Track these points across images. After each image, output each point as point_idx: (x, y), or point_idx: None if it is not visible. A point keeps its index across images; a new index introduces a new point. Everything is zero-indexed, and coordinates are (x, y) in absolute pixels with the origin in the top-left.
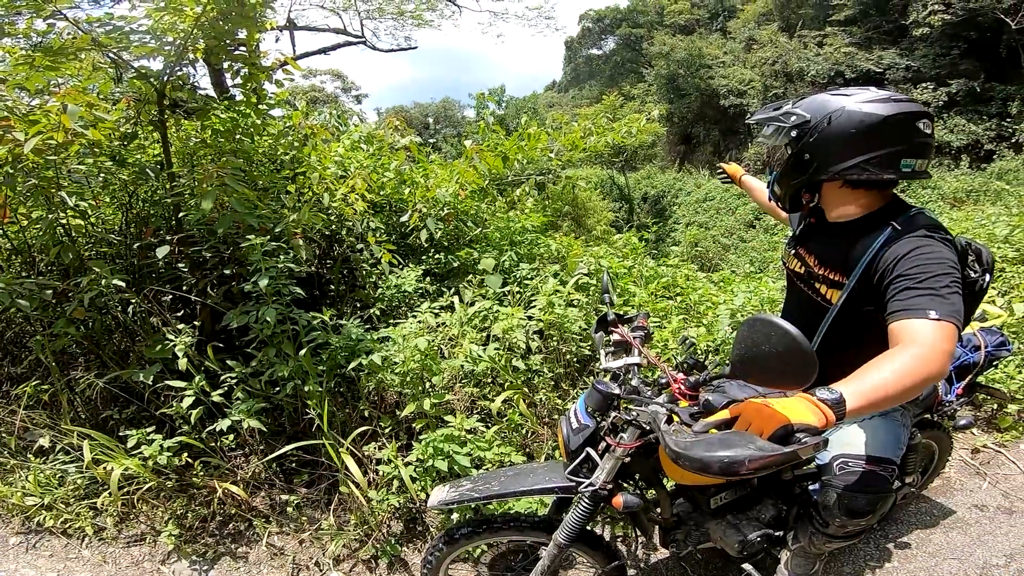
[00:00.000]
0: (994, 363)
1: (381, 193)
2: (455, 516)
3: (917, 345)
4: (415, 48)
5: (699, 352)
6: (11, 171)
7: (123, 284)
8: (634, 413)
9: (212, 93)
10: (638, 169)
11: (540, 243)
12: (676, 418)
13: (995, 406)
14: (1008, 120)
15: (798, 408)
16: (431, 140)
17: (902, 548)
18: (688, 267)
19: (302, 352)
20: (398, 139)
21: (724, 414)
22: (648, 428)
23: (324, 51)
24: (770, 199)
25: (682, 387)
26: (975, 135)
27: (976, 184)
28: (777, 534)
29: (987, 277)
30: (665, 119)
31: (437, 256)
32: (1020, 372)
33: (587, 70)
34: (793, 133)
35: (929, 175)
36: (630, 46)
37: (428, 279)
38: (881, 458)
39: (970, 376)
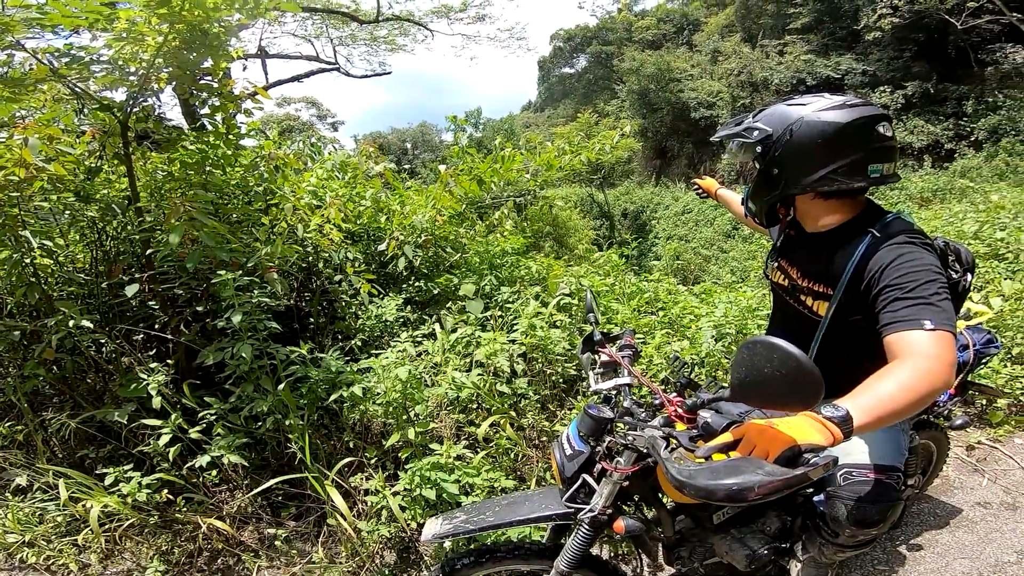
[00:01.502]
0: (983, 361)
1: (358, 222)
2: (447, 544)
3: (919, 358)
4: (389, 73)
5: (687, 367)
6: None
7: (91, 325)
8: (630, 437)
9: (184, 123)
10: (616, 185)
11: (520, 265)
12: (674, 442)
13: (984, 401)
14: (964, 119)
15: (804, 427)
16: (406, 167)
17: (912, 550)
18: (668, 281)
19: (281, 387)
20: (372, 166)
21: (726, 437)
22: (645, 451)
23: (297, 79)
24: (746, 215)
25: (679, 409)
26: (934, 135)
27: (941, 183)
28: (784, 545)
29: (969, 277)
30: (639, 134)
31: (417, 284)
32: (1006, 366)
33: (561, 89)
34: (758, 149)
35: (899, 177)
36: (601, 63)
37: (409, 307)
38: (886, 466)
39: (961, 375)
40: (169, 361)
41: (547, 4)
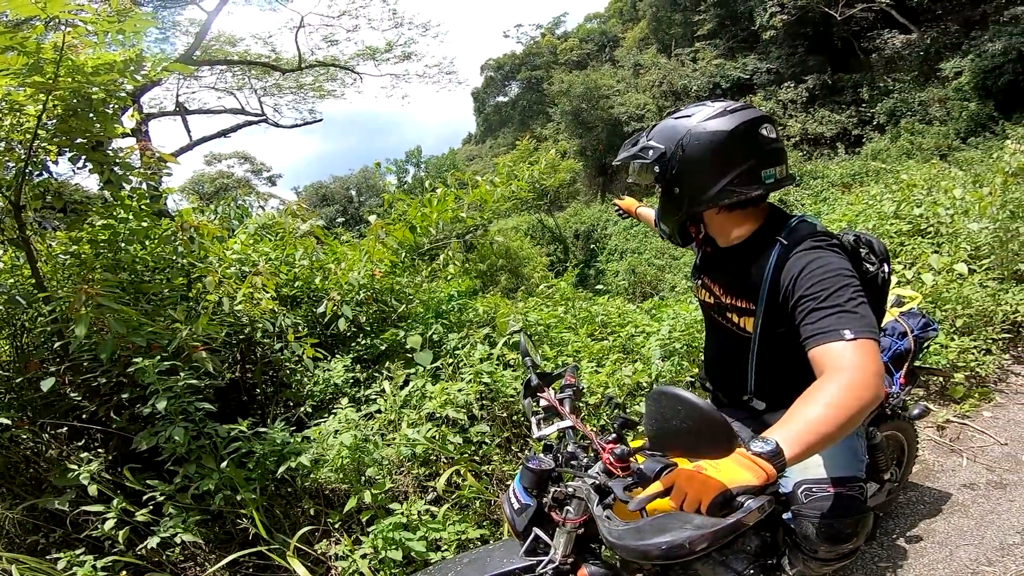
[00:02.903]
0: (925, 345)
1: (295, 285)
2: None
3: (844, 372)
4: (321, 120)
5: (621, 408)
6: None
7: (8, 422)
8: (570, 488)
9: (106, 194)
10: (565, 208)
11: (468, 308)
12: (611, 493)
13: (942, 379)
14: (864, 105)
15: (733, 468)
16: (340, 219)
17: (911, 542)
18: (616, 302)
19: (224, 464)
20: (299, 226)
21: (657, 486)
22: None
23: (223, 134)
24: (661, 236)
25: (611, 459)
26: (841, 123)
27: (857, 167)
28: (771, 562)
29: (886, 268)
30: (579, 154)
31: (364, 341)
32: (953, 339)
33: (498, 118)
34: (656, 168)
35: (794, 179)
36: (533, 88)
37: (359, 366)
38: (845, 477)
39: (907, 363)
40: (101, 450)
41: (474, 36)
